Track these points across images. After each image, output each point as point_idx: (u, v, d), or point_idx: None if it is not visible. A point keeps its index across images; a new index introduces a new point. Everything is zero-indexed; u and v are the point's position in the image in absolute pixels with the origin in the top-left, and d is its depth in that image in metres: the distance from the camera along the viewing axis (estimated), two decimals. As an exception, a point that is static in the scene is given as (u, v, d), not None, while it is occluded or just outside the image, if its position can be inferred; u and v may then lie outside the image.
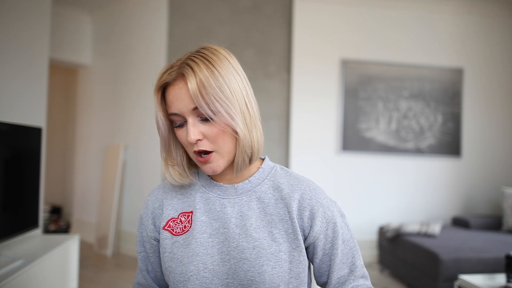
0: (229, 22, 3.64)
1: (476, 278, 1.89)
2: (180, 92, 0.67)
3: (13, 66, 2.14)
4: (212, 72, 0.66)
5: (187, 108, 0.66)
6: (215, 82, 0.65)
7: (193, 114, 0.67)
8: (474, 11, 3.83)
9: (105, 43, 4.14)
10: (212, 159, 0.69)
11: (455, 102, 3.78)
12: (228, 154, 0.70)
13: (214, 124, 0.66)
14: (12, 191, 1.77)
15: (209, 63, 0.67)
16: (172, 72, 0.69)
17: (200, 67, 0.66)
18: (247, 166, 0.73)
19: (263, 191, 0.75)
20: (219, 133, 0.67)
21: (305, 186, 0.74)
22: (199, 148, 0.67)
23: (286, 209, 0.72)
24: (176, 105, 0.67)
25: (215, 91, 0.65)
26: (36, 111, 2.35)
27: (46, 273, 1.82)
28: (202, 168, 0.71)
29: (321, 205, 0.73)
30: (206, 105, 0.64)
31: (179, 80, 0.67)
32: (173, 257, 0.71)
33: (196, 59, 0.68)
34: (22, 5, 2.21)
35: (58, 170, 4.99)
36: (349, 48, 3.68)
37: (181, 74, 0.67)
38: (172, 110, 0.68)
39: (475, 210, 3.82)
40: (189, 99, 0.65)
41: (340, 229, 0.73)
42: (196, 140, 0.66)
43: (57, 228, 4.39)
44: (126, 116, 3.89)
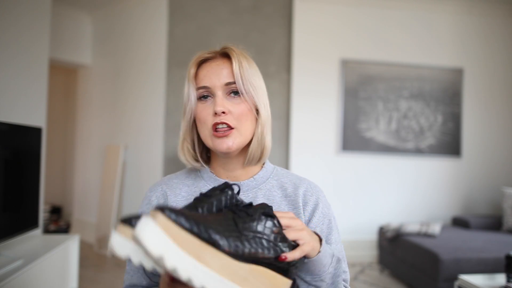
0: (229, 22, 3.64)
1: (476, 278, 1.89)
2: (217, 67, 0.73)
3: (13, 66, 2.14)
4: (248, 62, 0.75)
5: (220, 82, 0.72)
6: (250, 70, 0.74)
7: (223, 89, 0.72)
8: (474, 11, 3.83)
9: (105, 43, 4.14)
10: (230, 135, 0.71)
11: (455, 102, 3.78)
12: (246, 136, 0.73)
13: (241, 102, 0.72)
14: (12, 191, 1.77)
15: (245, 57, 0.76)
16: (210, 53, 0.76)
17: (240, 54, 0.75)
18: (257, 161, 0.77)
19: (268, 188, 0.77)
20: (244, 111, 0.72)
21: (307, 183, 0.79)
22: (222, 120, 0.70)
23: (292, 206, 0.75)
24: (209, 78, 0.73)
25: (250, 75, 0.73)
26: (36, 111, 2.35)
27: (46, 273, 1.82)
28: (215, 145, 0.72)
29: (321, 201, 0.78)
30: (243, 83, 0.72)
31: (219, 59, 0.75)
32: None
33: (235, 49, 0.76)
34: (22, 5, 2.21)
35: (58, 170, 4.99)
36: (349, 48, 3.68)
37: (223, 54, 0.75)
38: (203, 84, 0.74)
39: (475, 210, 3.82)
40: (226, 74, 0.72)
41: (334, 228, 0.78)
42: (222, 112, 0.70)
43: (57, 228, 4.39)
44: (126, 116, 3.89)
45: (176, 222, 0.47)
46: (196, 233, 0.48)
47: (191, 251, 0.47)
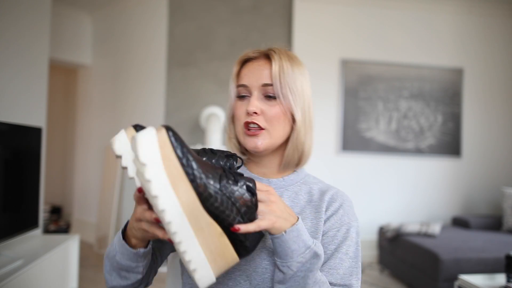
0: (229, 22, 3.64)
1: (476, 278, 1.89)
2: (258, 68, 0.74)
3: (13, 66, 2.14)
4: (291, 65, 0.74)
5: (257, 83, 0.73)
6: (291, 73, 0.73)
7: (260, 89, 0.73)
8: (474, 11, 3.83)
9: (105, 43, 4.14)
10: (260, 134, 0.73)
11: (455, 102, 3.78)
12: (276, 139, 0.74)
13: (276, 105, 0.72)
14: (12, 191, 1.77)
15: (290, 59, 0.75)
16: (256, 52, 0.77)
17: (284, 57, 0.74)
18: (294, 165, 0.79)
19: (295, 191, 0.78)
20: (277, 115, 0.72)
21: (335, 190, 0.78)
22: (253, 120, 0.72)
23: (314, 210, 0.75)
24: (248, 77, 0.74)
25: (290, 79, 0.73)
26: (36, 111, 2.35)
27: (46, 273, 1.82)
28: (245, 142, 0.74)
29: (343, 208, 0.76)
30: (280, 86, 0.72)
31: (261, 60, 0.75)
32: None
33: (281, 51, 0.76)
34: (22, 5, 2.21)
35: (58, 170, 4.99)
36: (349, 48, 3.68)
37: (265, 55, 0.75)
38: (242, 82, 0.75)
39: (475, 210, 3.82)
40: (264, 76, 0.73)
41: (350, 240, 0.73)
42: (253, 112, 0.71)
43: (57, 228, 4.39)
44: (126, 116, 3.89)
45: (173, 145, 0.51)
46: (183, 164, 0.51)
47: (170, 174, 0.50)
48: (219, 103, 3.56)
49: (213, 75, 3.61)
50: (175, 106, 3.60)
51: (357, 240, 0.75)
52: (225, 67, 3.62)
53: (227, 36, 3.63)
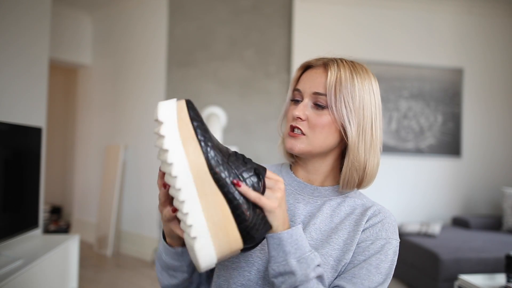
0: (229, 22, 3.64)
1: (476, 278, 1.89)
2: (315, 75, 0.74)
3: (13, 66, 2.14)
4: (352, 78, 0.72)
5: (310, 89, 0.73)
6: (350, 87, 0.71)
7: (311, 97, 0.72)
8: (474, 11, 3.83)
9: (105, 43, 4.14)
10: (299, 138, 0.73)
11: (455, 102, 3.78)
12: (315, 146, 0.72)
13: (324, 115, 0.71)
14: (12, 191, 1.77)
15: (353, 71, 0.74)
16: (319, 60, 0.77)
17: (344, 69, 0.73)
18: (355, 185, 0.75)
19: (338, 202, 0.76)
20: (321, 124, 0.71)
21: (379, 207, 0.75)
22: (297, 124, 0.72)
23: (354, 223, 0.72)
24: (303, 83, 0.75)
25: (347, 93, 0.70)
26: (36, 111, 2.35)
27: (46, 273, 1.82)
28: (285, 142, 0.76)
29: (382, 224, 0.72)
30: (334, 98, 0.70)
31: (320, 68, 0.75)
32: None
33: (345, 63, 0.75)
34: (22, 5, 2.21)
35: (58, 170, 4.99)
36: (349, 48, 3.68)
37: (325, 64, 0.75)
38: (297, 86, 0.76)
39: (475, 210, 3.82)
40: (317, 84, 0.72)
41: (384, 255, 0.68)
42: (298, 117, 0.72)
43: (57, 228, 4.39)
44: (126, 116, 3.89)
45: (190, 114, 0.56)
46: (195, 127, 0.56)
47: (183, 134, 0.55)
48: (219, 103, 3.56)
49: (213, 75, 3.61)
50: (175, 106, 3.60)
51: (393, 259, 0.69)
52: (225, 67, 3.62)
53: (227, 36, 3.63)
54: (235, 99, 3.62)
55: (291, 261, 0.60)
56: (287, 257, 0.60)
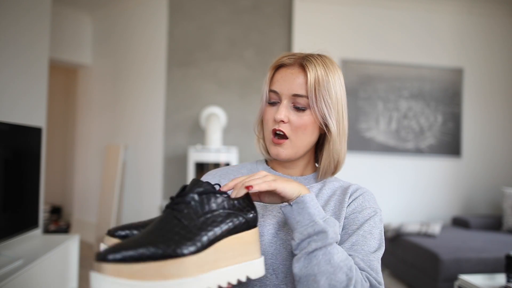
0: (229, 22, 3.64)
1: (476, 278, 1.89)
2: (290, 76, 0.74)
3: (13, 66, 2.14)
4: (327, 75, 0.73)
5: (289, 92, 0.73)
6: (327, 84, 0.72)
7: (290, 99, 0.73)
8: (474, 11, 3.83)
9: (105, 43, 4.14)
10: (283, 144, 0.74)
11: (455, 102, 3.78)
12: (299, 148, 0.75)
13: (305, 116, 0.73)
14: (12, 191, 1.77)
15: (326, 67, 0.74)
16: (291, 58, 0.76)
17: (319, 67, 0.73)
18: (331, 174, 0.79)
19: (319, 188, 0.79)
20: (304, 125, 0.73)
21: (358, 185, 0.80)
22: (280, 127, 0.73)
23: (338, 202, 0.75)
24: (280, 84, 0.74)
25: (325, 91, 0.72)
26: (36, 111, 2.35)
27: (46, 273, 1.82)
28: (269, 149, 0.77)
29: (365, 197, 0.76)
30: (315, 98, 0.71)
31: (295, 67, 0.74)
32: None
33: (316, 60, 0.75)
34: (22, 5, 2.21)
35: (58, 170, 4.99)
36: (349, 48, 3.68)
37: (300, 64, 0.74)
38: (273, 88, 0.75)
39: (475, 210, 3.82)
40: (296, 86, 0.72)
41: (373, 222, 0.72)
42: (281, 120, 0.72)
43: (57, 228, 4.39)
44: (126, 116, 3.89)
45: (124, 260, 0.46)
46: (149, 257, 0.47)
47: (154, 276, 0.46)
48: (219, 103, 3.56)
49: (213, 75, 3.61)
50: (175, 106, 3.60)
51: (382, 227, 0.73)
52: (225, 67, 3.62)
53: (227, 36, 3.63)
54: (235, 99, 3.62)
55: (319, 221, 0.60)
56: (313, 218, 0.60)
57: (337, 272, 0.58)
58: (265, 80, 0.79)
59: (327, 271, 0.58)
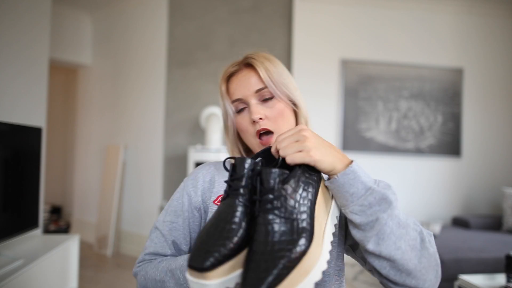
0: (229, 22, 3.64)
1: (476, 278, 1.89)
2: (244, 78, 0.77)
3: (13, 67, 2.14)
4: (273, 64, 0.77)
5: (250, 91, 0.75)
6: (275, 69, 0.77)
7: (255, 96, 0.76)
8: (474, 11, 3.83)
9: (105, 43, 4.14)
10: (272, 139, 0.75)
11: (455, 102, 3.78)
12: None
13: (275, 104, 0.76)
14: (12, 191, 1.77)
15: (268, 58, 0.78)
16: (235, 65, 0.80)
17: (262, 59, 0.77)
18: None
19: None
20: (279, 111, 0.75)
21: None
22: (261, 126, 0.74)
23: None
24: (240, 90, 0.77)
25: (278, 75, 0.76)
26: (36, 111, 2.35)
27: (46, 273, 1.82)
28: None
29: None
30: (273, 84, 0.75)
31: (243, 70, 0.78)
32: None
33: (256, 56, 0.78)
34: (22, 6, 2.21)
35: (58, 170, 4.99)
36: (349, 48, 3.68)
37: (246, 65, 0.78)
38: (236, 97, 0.77)
39: (475, 210, 3.82)
40: (254, 82, 0.75)
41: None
42: (259, 118, 0.73)
43: (57, 228, 4.39)
44: (126, 116, 3.89)
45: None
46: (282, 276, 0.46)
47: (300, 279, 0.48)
48: (219, 103, 3.56)
49: (213, 75, 3.61)
50: (175, 106, 3.60)
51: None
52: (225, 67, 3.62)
53: (227, 36, 3.63)
54: (235, 99, 3.62)
55: (375, 187, 0.56)
56: (368, 185, 0.56)
57: (409, 231, 0.57)
58: (221, 97, 0.81)
59: (402, 234, 0.56)
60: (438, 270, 0.58)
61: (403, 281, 0.56)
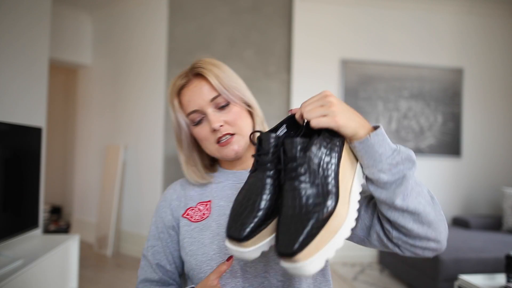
0: (229, 22, 3.64)
1: (476, 278, 1.89)
2: (196, 89, 0.77)
3: (13, 67, 2.14)
4: (221, 70, 0.78)
5: (205, 101, 0.76)
6: (226, 75, 0.78)
7: (211, 105, 0.76)
8: (474, 11, 3.83)
9: (105, 43, 4.14)
10: (234, 140, 0.76)
11: (455, 102, 3.78)
12: (247, 135, 0.79)
13: (231, 108, 0.77)
14: (12, 191, 1.77)
15: (216, 66, 0.79)
16: (183, 77, 0.79)
17: (211, 67, 0.78)
18: None
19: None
20: (237, 116, 0.77)
21: None
22: (222, 133, 0.75)
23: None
24: (194, 101, 0.76)
25: (228, 80, 0.78)
26: (36, 111, 2.35)
27: (46, 273, 1.82)
28: (223, 155, 0.77)
29: None
30: (226, 90, 0.76)
31: (193, 80, 0.78)
32: (194, 241, 0.76)
33: (204, 64, 0.79)
34: (22, 6, 2.21)
35: (58, 170, 4.99)
36: (349, 48, 3.68)
37: (194, 75, 0.78)
38: (191, 109, 0.77)
39: (475, 210, 3.82)
40: (207, 92, 0.76)
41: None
42: (219, 126, 0.75)
43: (57, 228, 4.39)
44: (126, 116, 3.89)
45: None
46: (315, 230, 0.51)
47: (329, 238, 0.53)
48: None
49: (213, 75, 3.61)
50: (175, 106, 3.60)
51: None
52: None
53: (227, 36, 3.63)
54: (235, 99, 3.62)
55: (401, 148, 0.59)
56: (393, 146, 0.59)
57: (423, 189, 0.60)
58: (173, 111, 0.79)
59: (420, 190, 0.60)
60: (446, 223, 0.63)
61: (425, 233, 0.60)
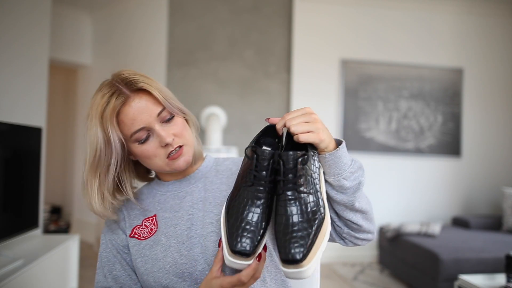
0: (229, 22, 3.64)
1: (476, 278, 1.89)
2: (139, 105, 0.72)
3: (13, 67, 2.14)
4: (155, 81, 0.76)
5: (152, 117, 0.72)
6: (162, 86, 0.77)
7: (157, 120, 0.73)
8: (474, 11, 3.83)
9: (105, 43, 4.14)
10: (184, 151, 0.76)
11: (455, 102, 3.78)
12: (192, 144, 0.79)
13: (176, 120, 0.76)
14: (12, 191, 1.77)
15: (148, 77, 0.76)
16: (120, 96, 0.72)
17: (148, 80, 0.74)
18: (201, 154, 0.86)
19: (213, 175, 0.83)
20: (182, 127, 0.77)
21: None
22: (174, 146, 0.74)
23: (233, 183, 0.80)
24: (140, 119, 0.72)
25: (166, 91, 0.77)
26: (36, 111, 2.35)
27: (46, 273, 1.82)
28: (174, 167, 0.76)
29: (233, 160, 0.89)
30: (170, 104, 0.74)
31: (134, 97, 0.72)
32: (147, 259, 0.73)
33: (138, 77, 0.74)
34: (22, 6, 2.21)
35: (58, 170, 4.99)
36: (349, 48, 3.68)
37: (135, 91, 0.73)
38: (136, 127, 0.72)
39: (475, 210, 3.82)
40: (152, 107, 0.73)
41: None
42: (172, 140, 0.73)
43: (57, 228, 4.39)
44: (126, 116, 3.88)
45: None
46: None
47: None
48: (219, 103, 3.56)
49: (213, 75, 3.61)
50: (175, 106, 3.60)
51: None
52: (225, 67, 3.62)
53: (227, 36, 3.63)
54: (235, 99, 3.62)
55: (354, 159, 0.71)
56: (351, 157, 0.70)
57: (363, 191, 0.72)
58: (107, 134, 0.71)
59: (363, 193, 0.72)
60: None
61: (368, 228, 0.73)
